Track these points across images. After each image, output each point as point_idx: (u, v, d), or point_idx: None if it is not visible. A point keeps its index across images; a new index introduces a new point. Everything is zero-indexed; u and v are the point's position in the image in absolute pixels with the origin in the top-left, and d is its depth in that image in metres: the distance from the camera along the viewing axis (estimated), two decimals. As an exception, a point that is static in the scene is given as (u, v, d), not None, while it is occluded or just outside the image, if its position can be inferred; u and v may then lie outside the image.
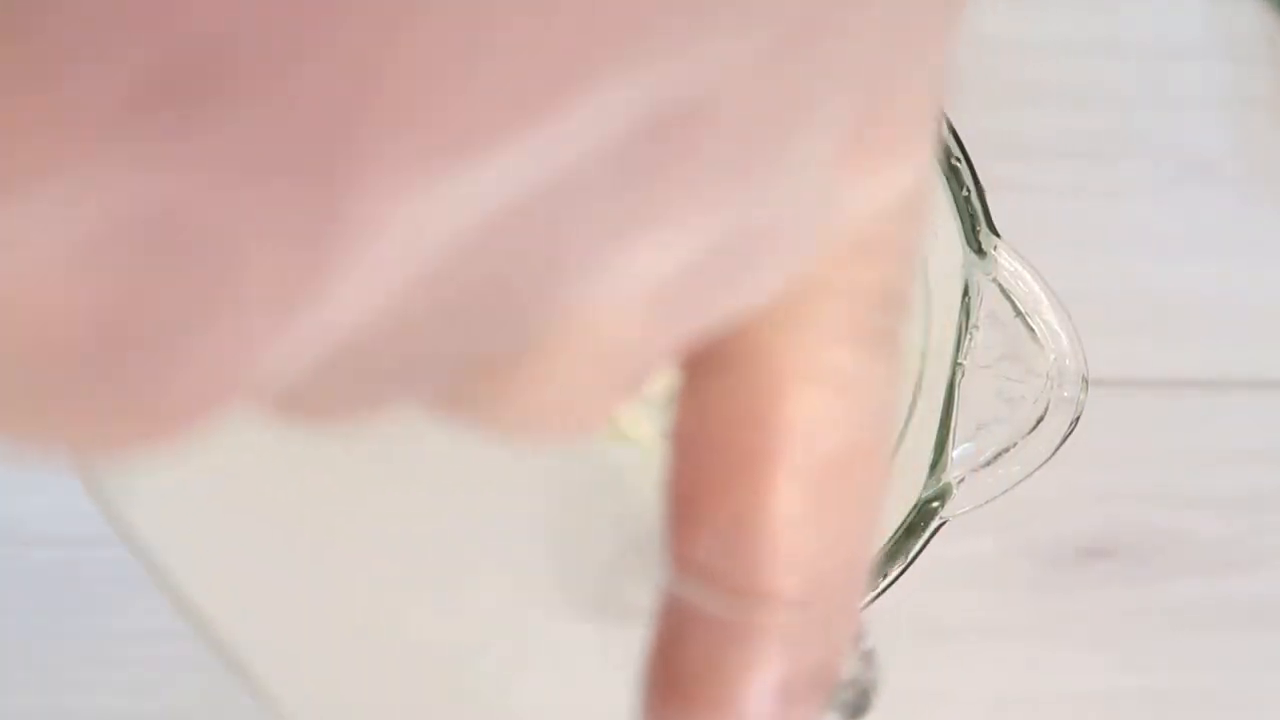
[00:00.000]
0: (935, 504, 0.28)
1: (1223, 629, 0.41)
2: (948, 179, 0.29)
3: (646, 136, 0.13)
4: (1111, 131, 0.46)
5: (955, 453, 0.28)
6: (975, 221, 0.29)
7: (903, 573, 0.28)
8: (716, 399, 0.17)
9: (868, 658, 0.23)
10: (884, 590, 0.28)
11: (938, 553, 0.29)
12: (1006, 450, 0.28)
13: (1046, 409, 0.28)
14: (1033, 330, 0.28)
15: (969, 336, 0.28)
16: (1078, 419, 0.28)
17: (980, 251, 0.28)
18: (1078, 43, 0.47)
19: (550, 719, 0.25)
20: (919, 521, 0.28)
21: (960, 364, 0.28)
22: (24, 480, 0.40)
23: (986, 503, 0.28)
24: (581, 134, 0.12)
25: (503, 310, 0.14)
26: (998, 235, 0.29)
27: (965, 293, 0.28)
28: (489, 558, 0.24)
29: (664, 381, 0.17)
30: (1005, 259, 0.28)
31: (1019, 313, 0.28)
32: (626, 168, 0.13)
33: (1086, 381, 0.28)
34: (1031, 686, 0.41)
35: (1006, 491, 0.28)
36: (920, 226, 0.18)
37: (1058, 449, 0.28)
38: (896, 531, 0.28)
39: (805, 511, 0.17)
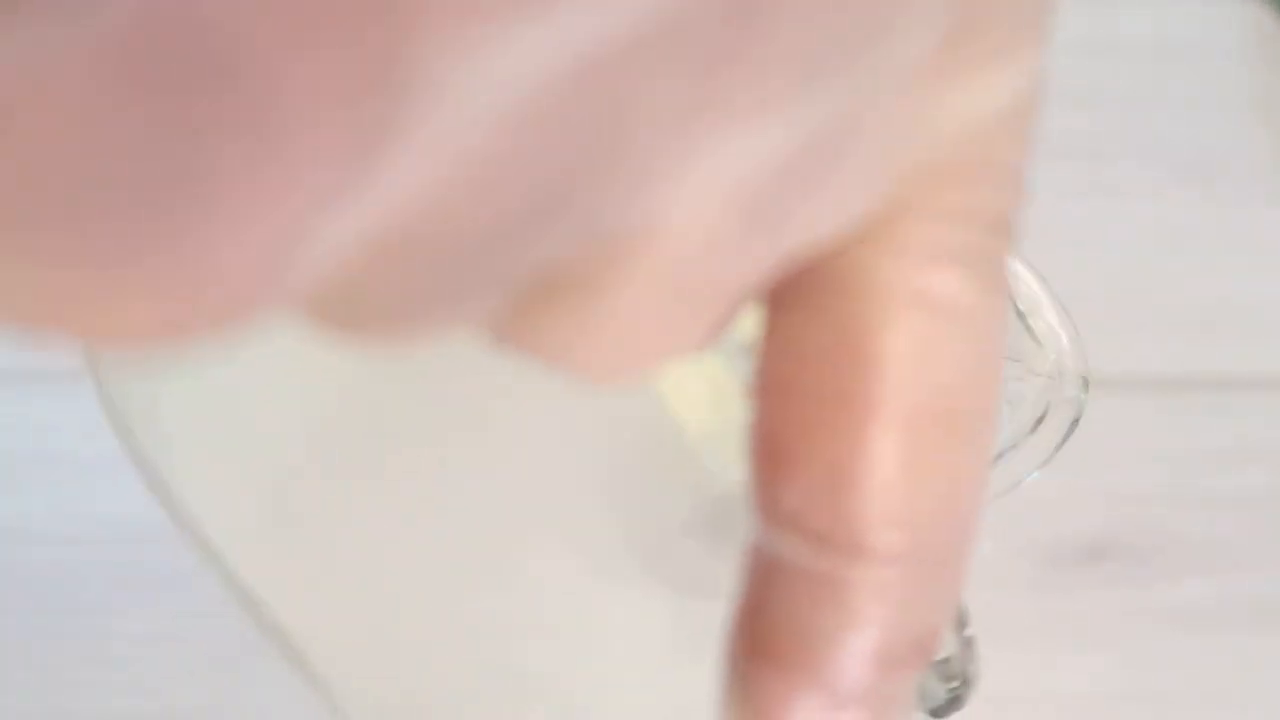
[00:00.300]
0: (935, 504, 0.28)
1: (1223, 629, 0.41)
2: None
3: (721, 13, 0.12)
4: (1111, 131, 0.46)
5: (955, 453, 0.28)
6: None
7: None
8: (806, 332, 0.15)
9: (969, 645, 0.22)
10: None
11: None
12: (1006, 450, 0.28)
13: (1046, 409, 0.28)
14: (1033, 330, 0.28)
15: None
16: (1078, 419, 0.28)
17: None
18: (1078, 43, 0.47)
19: (613, 698, 0.24)
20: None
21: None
22: (24, 480, 0.40)
23: (988, 503, 0.28)
24: None
25: (568, 203, 0.12)
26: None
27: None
28: (549, 523, 0.23)
29: (743, 329, 0.16)
30: (1005, 259, 0.28)
31: (1019, 313, 0.28)
32: (701, 46, 0.12)
33: (1086, 381, 0.28)
34: (1031, 686, 0.41)
35: (1007, 492, 0.28)
36: (1027, 146, 0.16)
37: (1058, 449, 0.28)
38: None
39: (907, 456, 0.15)
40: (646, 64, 0.11)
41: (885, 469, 0.15)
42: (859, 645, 0.16)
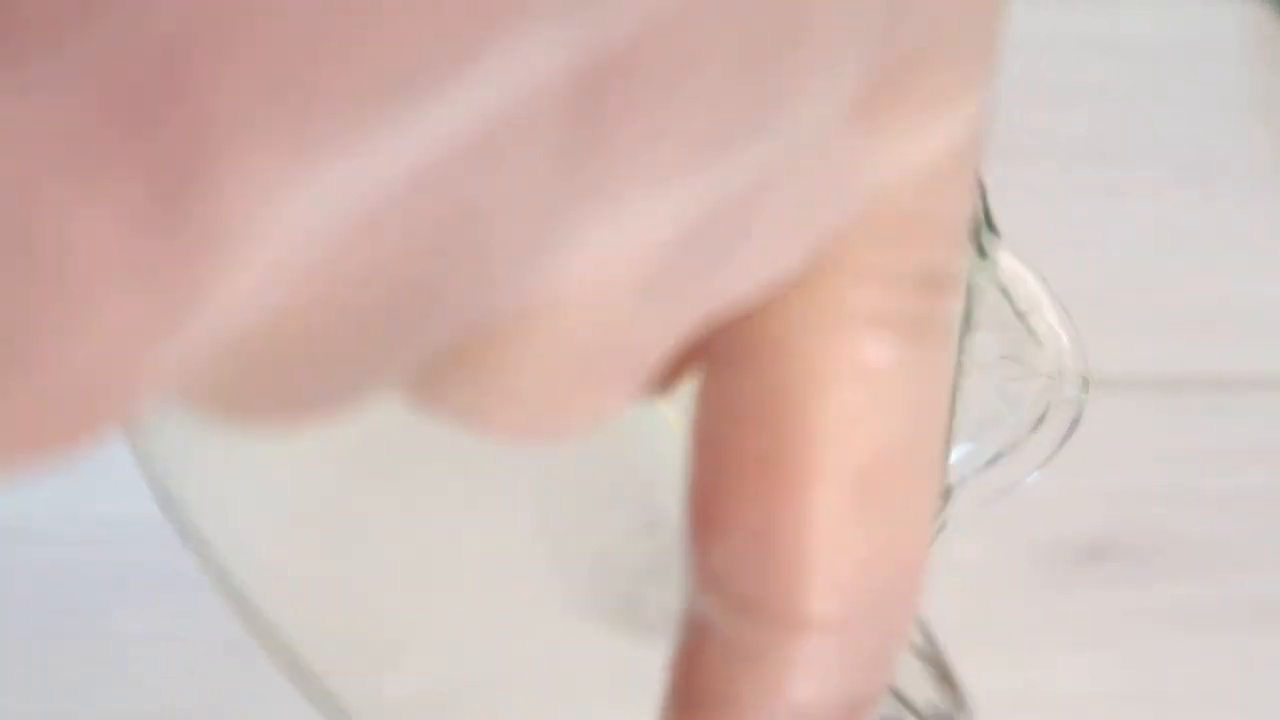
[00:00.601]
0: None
1: (1223, 629, 0.41)
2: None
3: (578, 94, 0.11)
4: (1111, 131, 0.46)
5: (955, 453, 0.28)
6: (976, 222, 0.29)
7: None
8: (738, 390, 0.15)
9: (950, 686, 0.21)
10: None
11: (936, 554, 0.29)
12: (1006, 450, 0.28)
13: (1046, 409, 0.28)
14: (1033, 330, 0.28)
15: (969, 336, 0.28)
16: (1078, 419, 0.28)
17: (981, 252, 0.28)
18: (1078, 42, 0.47)
19: None
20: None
21: (960, 364, 0.28)
22: (24, 480, 0.40)
23: (988, 503, 0.28)
24: (492, 91, 0.11)
25: (438, 294, 0.12)
26: (998, 235, 0.29)
27: (966, 293, 0.28)
28: (512, 565, 0.23)
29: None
30: (1005, 259, 0.28)
31: (1019, 313, 0.28)
32: (550, 136, 0.11)
33: (1087, 381, 0.28)
34: (1031, 686, 0.41)
35: (1007, 492, 0.28)
36: (967, 193, 0.15)
37: (1058, 449, 0.28)
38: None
39: (840, 522, 0.15)
40: (491, 161, 0.11)
41: (817, 534, 0.15)
42: (782, 717, 0.15)
